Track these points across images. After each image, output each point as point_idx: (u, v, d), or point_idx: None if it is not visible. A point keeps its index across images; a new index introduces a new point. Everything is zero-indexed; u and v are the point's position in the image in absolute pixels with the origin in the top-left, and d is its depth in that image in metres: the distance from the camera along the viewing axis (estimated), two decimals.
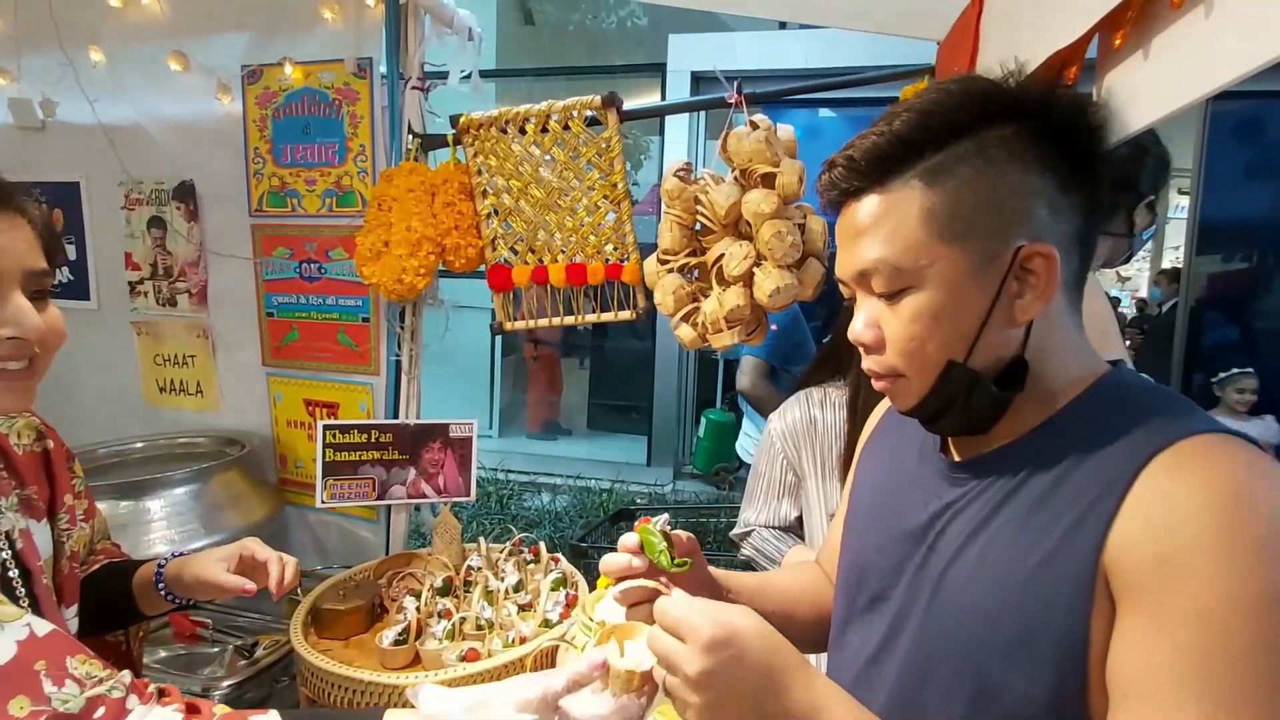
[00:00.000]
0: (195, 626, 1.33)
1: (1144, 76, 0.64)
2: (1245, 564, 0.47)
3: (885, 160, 0.59)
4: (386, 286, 1.38)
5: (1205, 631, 0.47)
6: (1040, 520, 0.57)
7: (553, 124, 1.40)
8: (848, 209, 0.62)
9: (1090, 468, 0.56)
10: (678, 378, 4.98)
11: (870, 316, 0.62)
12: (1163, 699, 0.48)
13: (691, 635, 0.55)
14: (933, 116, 0.58)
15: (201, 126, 1.68)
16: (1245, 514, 0.48)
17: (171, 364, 1.78)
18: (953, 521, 0.64)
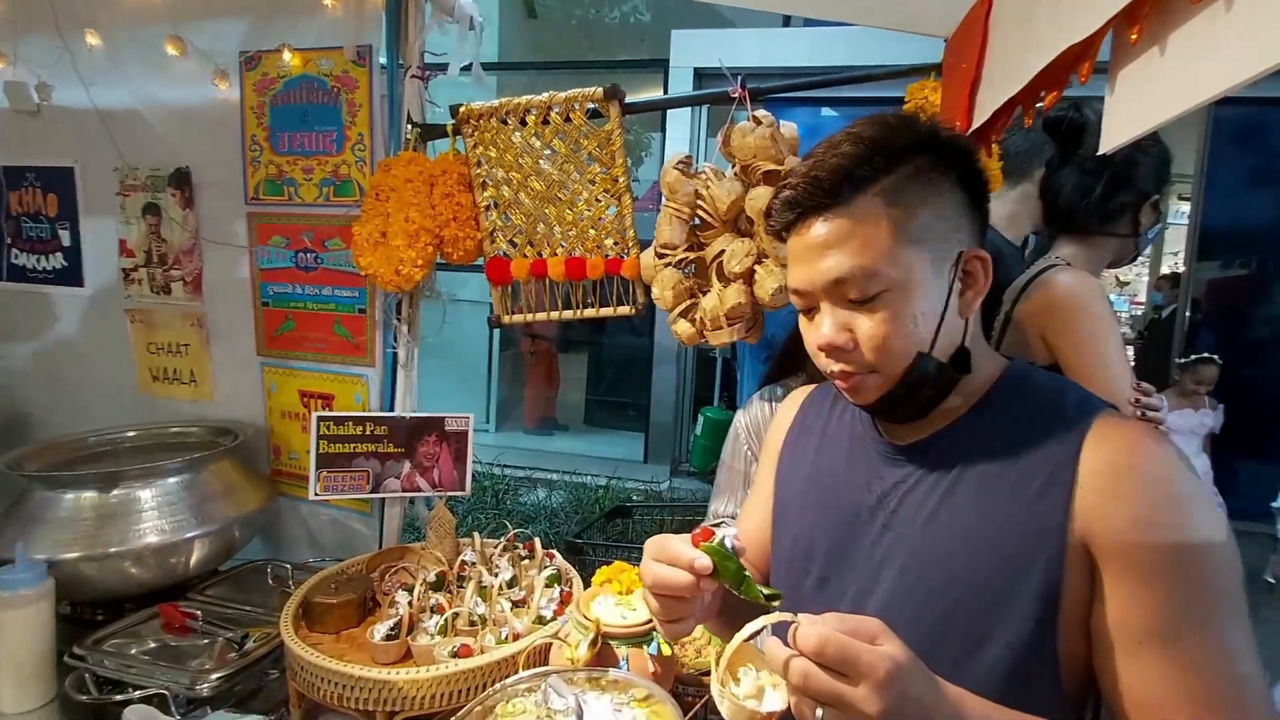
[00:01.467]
0: (184, 618, 1.31)
1: (1159, 73, 0.62)
2: (1191, 510, 0.61)
3: (849, 181, 0.67)
4: (383, 277, 1.37)
5: (1182, 573, 0.59)
6: (999, 494, 0.66)
7: (554, 116, 1.38)
8: (808, 227, 0.69)
9: (1031, 445, 0.67)
10: (676, 375, 4.97)
11: (840, 322, 0.69)
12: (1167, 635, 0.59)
13: (866, 671, 0.52)
14: (880, 144, 0.68)
15: (198, 113, 1.66)
16: (1176, 473, 0.62)
17: (165, 352, 1.76)
18: (904, 501, 0.72)
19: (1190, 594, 0.59)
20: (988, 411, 0.72)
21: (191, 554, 1.42)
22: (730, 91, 1.34)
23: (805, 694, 0.53)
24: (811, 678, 0.52)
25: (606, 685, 0.96)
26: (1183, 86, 0.59)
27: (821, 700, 0.53)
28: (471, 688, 1.07)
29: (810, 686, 0.53)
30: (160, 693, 1.15)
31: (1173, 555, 0.59)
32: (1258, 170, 4.50)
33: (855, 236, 0.67)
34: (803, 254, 0.70)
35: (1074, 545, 0.62)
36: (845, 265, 0.66)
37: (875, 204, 0.67)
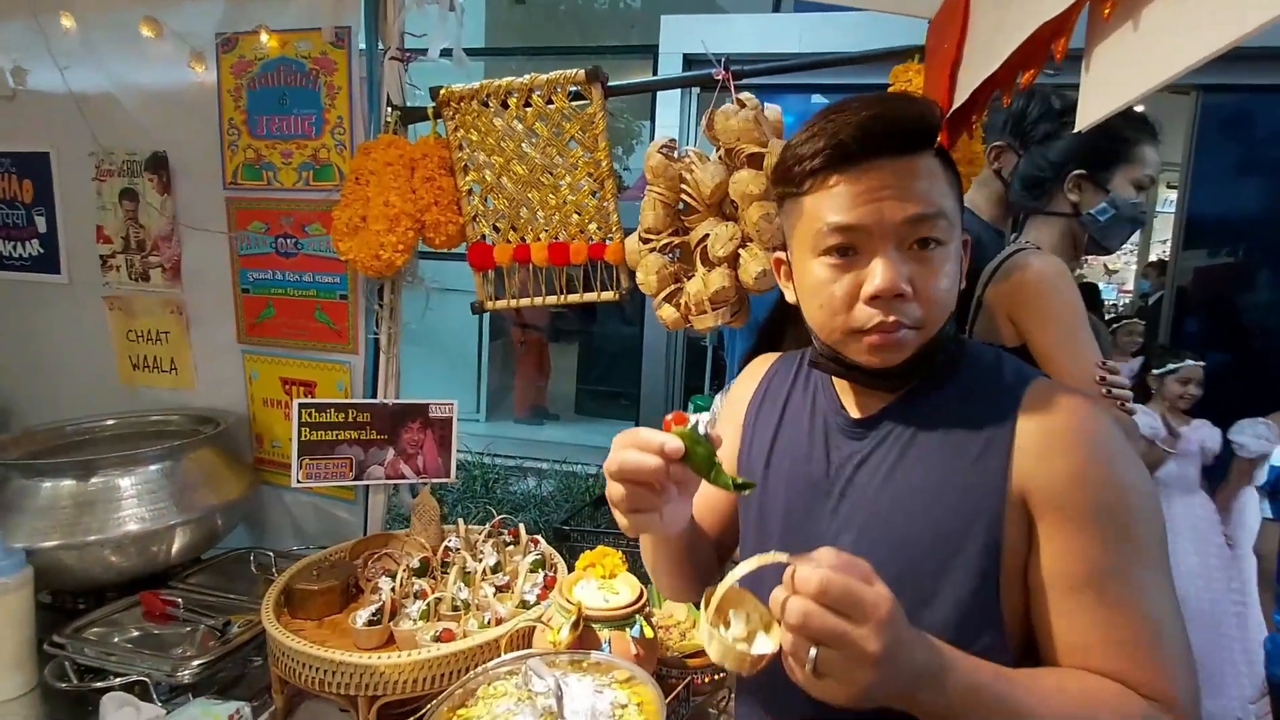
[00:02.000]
0: (165, 606, 1.31)
1: (1133, 48, 0.62)
2: (1118, 464, 0.65)
3: (925, 134, 0.70)
4: (364, 262, 1.35)
5: (1111, 521, 0.64)
6: (945, 458, 0.70)
7: (536, 99, 1.37)
8: (878, 167, 0.67)
9: (973, 412, 0.71)
10: (666, 363, 4.96)
11: (901, 270, 0.67)
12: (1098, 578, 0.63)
13: (869, 610, 0.52)
14: (938, 111, 0.72)
15: (174, 96, 1.63)
16: (1105, 430, 0.67)
17: (145, 340, 1.74)
18: (859, 470, 0.75)
19: (1118, 543, 0.63)
20: (935, 383, 0.75)
21: (173, 542, 1.41)
22: (714, 74, 1.33)
23: (804, 634, 0.52)
24: (812, 617, 0.52)
25: (588, 667, 0.96)
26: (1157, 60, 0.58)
27: (821, 640, 0.52)
28: (454, 672, 1.07)
29: (811, 626, 0.52)
30: (141, 680, 1.14)
31: (1103, 506, 0.64)
32: (1245, 159, 4.51)
33: (930, 182, 0.68)
34: (867, 192, 0.67)
35: (1013, 502, 0.66)
36: (929, 205, 0.67)
37: (936, 163, 0.70)
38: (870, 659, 0.51)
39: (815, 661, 0.52)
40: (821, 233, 0.70)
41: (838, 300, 0.70)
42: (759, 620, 0.61)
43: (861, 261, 0.68)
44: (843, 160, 0.68)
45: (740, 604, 0.63)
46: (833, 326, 0.71)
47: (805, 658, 0.53)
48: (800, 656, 0.53)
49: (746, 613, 0.62)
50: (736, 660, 0.58)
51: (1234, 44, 0.50)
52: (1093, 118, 0.68)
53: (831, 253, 0.69)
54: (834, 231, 0.69)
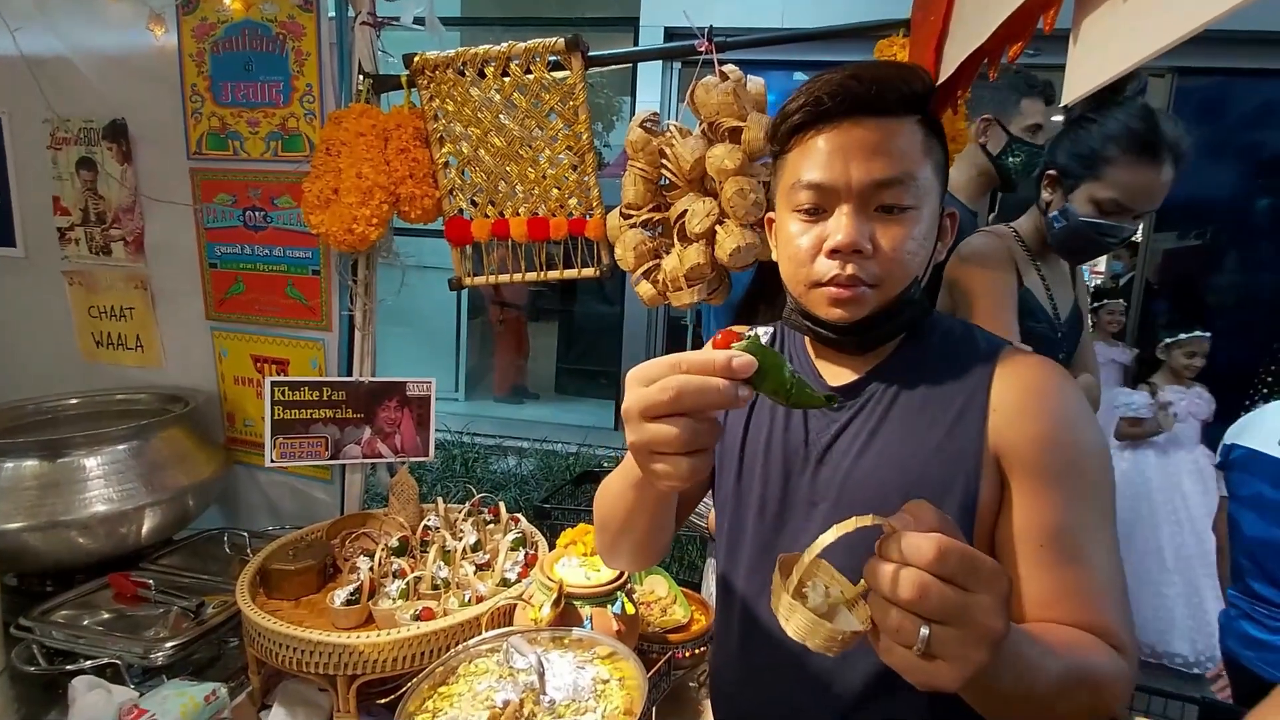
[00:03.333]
0: (136, 587, 1.28)
1: (1122, 20, 0.61)
2: (1084, 428, 0.69)
3: (908, 99, 0.70)
4: (336, 237, 1.31)
5: (1076, 481, 0.67)
6: (923, 421, 0.72)
7: (514, 68, 1.33)
8: (856, 125, 0.69)
9: (949, 379, 0.73)
10: (646, 342, 4.95)
11: (863, 227, 0.69)
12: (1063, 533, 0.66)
13: (990, 581, 0.45)
14: (927, 80, 0.72)
15: (133, 61, 1.55)
16: (1072, 397, 0.70)
17: (108, 317, 1.68)
18: (839, 438, 0.76)
19: (1080, 501, 0.67)
20: (910, 352, 0.77)
21: (142, 523, 1.38)
22: (697, 46, 1.30)
23: (920, 609, 0.45)
24: (930, 591, 0.44)
25: (570, 644, 0.97)
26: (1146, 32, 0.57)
27: (939, 617, 0.44)
28: (434, 650, 1.06)
29: (929, 601, 0.44)
30: (113, 662, 1.12)
31: (1068, 467, 0.67)
32: (1216, 142, 4.58)
33: (905, 148, 0.69)
34: (839, 151, 0.69)
35: (987, 463, 0.69)
36: (896, 169, 0.68)
37: (919, 128, 0.71)
38: (992, 636, 0.45)
39: (927, 641, 0.45)
40: (795, 188, 0.72)
41: (803, 252, 0.72)
42: (840, 594, 0.54)
43: (828, 216, 0.71)
44: (820, 118, 0.70)
45: (814, 573, 0.55)
46: (798, 279, 0.74)
47: (915, 637, 0.45)
48: (908, 635, 0.45)
49: (825, 586, 0.54)
50: (826, 638, 0.49)
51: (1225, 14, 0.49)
52: (1080, 91, 0.67)
53: (802, 208, 0.72)
54: (804, 188, 0.71)
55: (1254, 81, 4.47)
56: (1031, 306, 1.33)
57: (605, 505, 0.79)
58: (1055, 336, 1.36)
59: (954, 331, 0.79)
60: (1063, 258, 1.39)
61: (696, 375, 0.50)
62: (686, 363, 0.51)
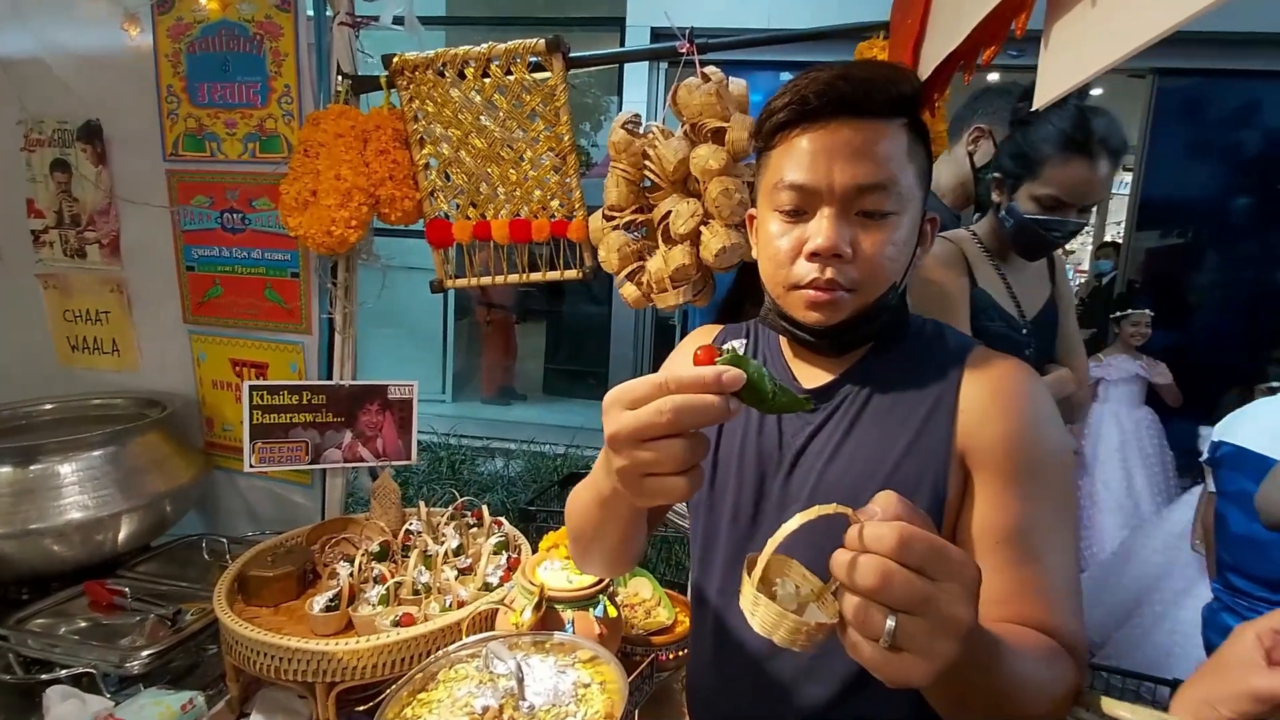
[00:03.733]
0: (112, 595, 1.26)
1: (1091, 25, 0.62)
2: (1049, 428, 0.70)
3: (896, 101, 0.69)
4: (315, 239, 1.30)
5: (1038, 480, 0.68)
6: (894, 422, 0.72)
7: (494, 69, 1.32)
8: (842, 126, 0.68)
9: (920, 379, 0.74)
10: (634, 342, 4.95)
11: (844, 231, 0.69)
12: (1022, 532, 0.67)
13: (957, 569, 0.44)
14: (916, 83, 0.72)
15: (108, 61, 1.53)
16: (1039, 397, 0.71)
17: (84, 320, 1.66)
18: (811, 440, 0.75)
19: (1040, 500, 0.67)
20: (883, 354, 0.77)
21: (119, 530, 1.36)
22: (678, 47, 1.30)
23: (883, 599, 0.43)
24: (896, 579, 0.43)
25: (551, 648, 0.96)
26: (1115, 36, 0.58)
27: (903, 606, 0.43)
28: (414, 656, 1.05)
29: (892, 590, 0.43)
30: (88, 671, 1.11)
31: (1031, 467, 0.68)
32: (1197, 142, 4.64)
33: (890, 152, 0.68)
34: (822, 153, 0.68)
35: (954, 462, 0.70)
36: (880, 174, 0.68)
37: (904, 132, 0.70)
38: (960, 627, 0.43)
39: (893, 634, 0.43)
40: (777, 188, 0.72)
41: (783, 254, 0.72)
42: (810, 592, 0.52)
43: (808, 218, 0.70)
44: (805, 117, 0.69)
45: (784, 572, 0.54)
46: (776, 280, 0.73)
47: (881, 629, 0.43)
48: (873, 627, 0.44)
49: (794, 583, 0.53)
50: (790, 632, 0.47)
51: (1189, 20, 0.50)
52: (1051, 95, 0.68)
53: (783, 208, 0.72)
54: (786, 188, 0.71)
55: (1234, 82, 4.54)
56: (984, 305, 1.34)
57: (576, 517, 0.77)
58: (1017, 335, 1.37)
59: (925, 332, 0.79)
60: (1019, 255, 1.41)
61: (691, 394, 0.50)
62: (676, 382, 0.50)
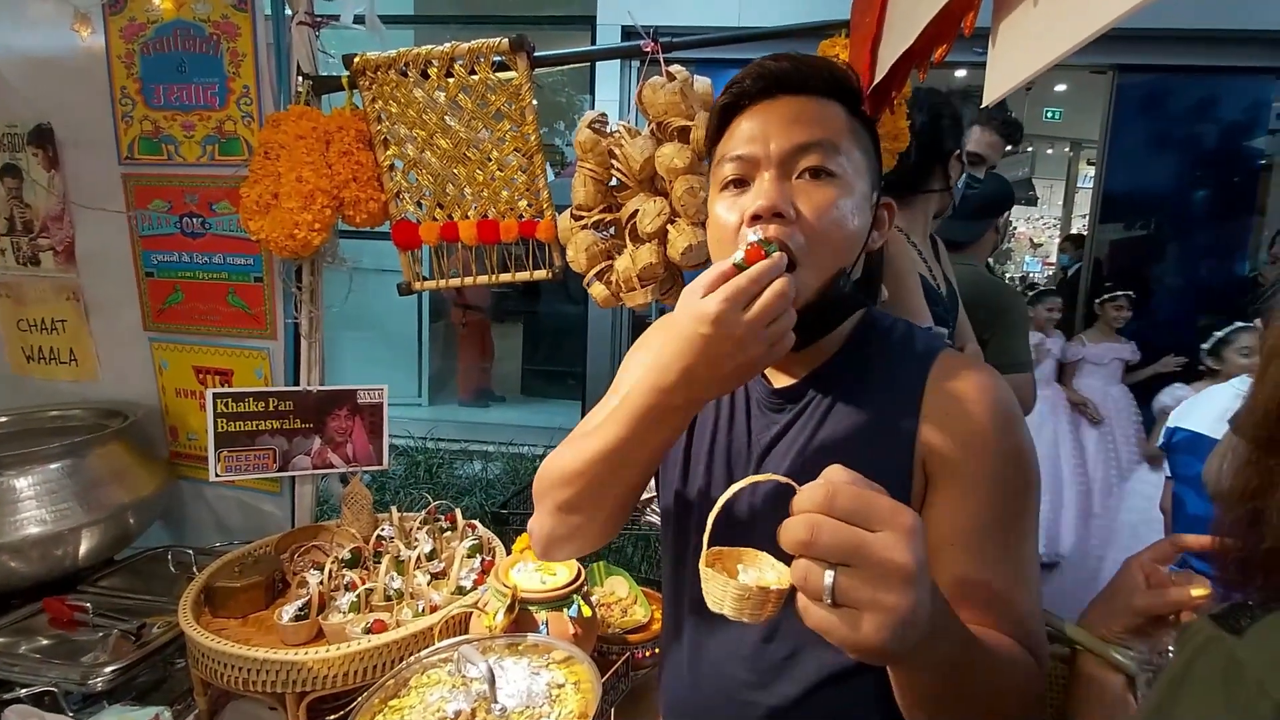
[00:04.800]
0: (72, 611, 1.23)
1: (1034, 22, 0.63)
2: (1010, 433, 0.69)
3: (831, 83, 0.72)
4: (277, 242, 1.27)
5: (997, 485, 0.68)
6: (858, 425, 0.72)
7: (458, 69, 1.31)
8: (781, 101, 0.71)
9: (888, 382, 0.73)
10: (611, 342, 4.95)
11: (784, 190, 0.68)
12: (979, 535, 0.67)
13: (887, 516, 0.44)
14: (851, 74, 0.75)
15: (58, 63, 1.49)
16: (1002, 402, 0.70)
17: (38, 329, 1.61)
18: (778, 441, 0.75)
19: (1004, 505, 0.68)
20: (853, 353, 0.77)
21: (80, 544, 1.33)
22: (642, 46, 1.30)
23: (813, 551, 0.44)
24: (821, 528, 0.43)
25: (525, 650, 0.96)
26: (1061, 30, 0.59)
27: (835, 557, 0.43)
28: (386, 663, 1.04)
29: (820, 540, 0.43)
30: (49, 690, 1.08)
31: (995, 472, 0.68)
32: (1158, 136, 4.77)
33: (826, 121, 0.70)
34: (759, 124, 0.70)
35: (916, 465, 0.70)
36: (816, 134, 0.69)
37: (840, 110, 0.72)
38: (898, 573, 0.43)
39: (833, 590, 0.43)
40: (720, 168, 0.73)
41: (729, 228, 0.71)
42: (775, 579, 0.52)
43: (751, 189, 0.70)
44: (743, 98, 0.72)
45: (753, 562, 0.55)
46: (725, 256, 0.70)
47: (821, 585, 0.43)
48: (814, 584, 0.43)
49: (758, 570, 0.55)
50: (736, 600, 0.48)
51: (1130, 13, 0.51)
52: (999, 92, 0.69)
53: (729, 186, 0.72)
54: (727, 163, 0.72)
55: (1192, 78, 4.67)
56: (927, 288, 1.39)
57: (574, 478, 0.74)
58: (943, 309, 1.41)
59: (893, 333, 0.79)
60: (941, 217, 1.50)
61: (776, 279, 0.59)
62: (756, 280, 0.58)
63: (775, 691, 0.74)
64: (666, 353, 0.62)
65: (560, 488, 0.76)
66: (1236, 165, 4.75)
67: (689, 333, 0.59)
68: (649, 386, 0.64)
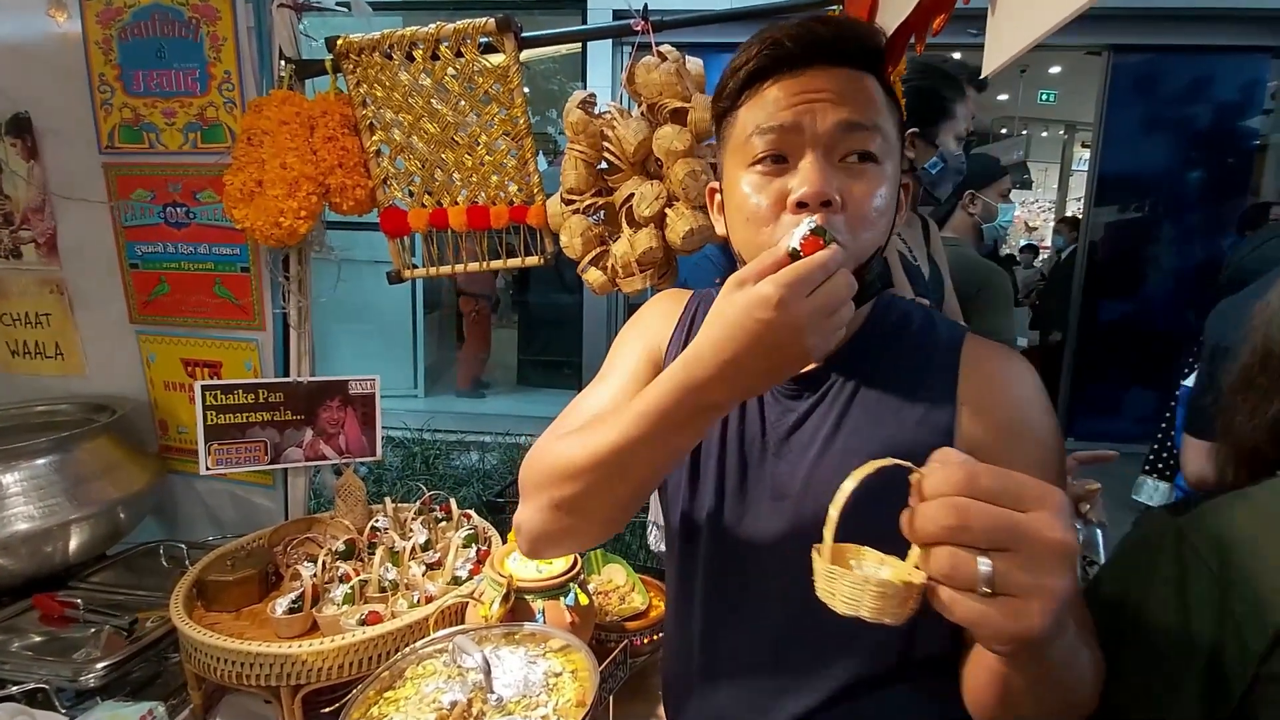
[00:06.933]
0: (63, 608, 1.22)
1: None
2: (1049, 417, 0.68)
3: (869, 53, 0.66)
4: (263, 231, 1.25)
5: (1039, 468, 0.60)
6: (887, 413, 0.69)
7: (443, 50, 1.28)
8: (820, 71, 0.64)
9: (914, 369, 0.70)
10: (606, 330, 4.93)
11: (831, 176, 0.62)
12: None
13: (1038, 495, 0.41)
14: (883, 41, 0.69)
15: (34, 50, 1.45)
16: (1039, 387, 0.69)
17: (22, 324, 1.58)
18: (797, 430, 0.71)
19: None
20: (872, 338, 0.73)
21: (69, 540, 1.31)
22: (632, 25, 1.27)
23: (965, 537, 0.40)
24: (973, 510, 0.40)
25: (522, 639, 0.95)
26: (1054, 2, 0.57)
27: (989, 542, 0.40)
28: (382, 655, 1.03)
29: (975, 522, 0.40)
30: (41, 687, 1.07)
31: (1035, 460, 0.65)
32: (1152, 117, 4.75)
33: (868, 99, 0.65)
34: (801, 95, 0.63)
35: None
36: (862, 114, 0.63)
37: (877, 85, 0.66)
38: (1060, 553, 0.40)
39: (990, 576, 0.39)
40: (751, 140, 0.65)
41: (763, 211, 0.64)
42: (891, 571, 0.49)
43: (790, 169, 0.64)
44: (779, 64, 0.65)
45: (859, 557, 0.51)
46: (758, 243, 0.65)
47: (974, 574, 0.39)
48: (966, 574, 0.40)
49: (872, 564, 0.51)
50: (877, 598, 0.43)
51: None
52: (998, 62, 0.67)
53: (761, 161, 0.65)
54: (763, 134, 0.64)
55: (1187, 58, 4.64)
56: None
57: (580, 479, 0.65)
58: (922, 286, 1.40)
59: (911, 317, 0.75)
60: (931, 203, 1.50)
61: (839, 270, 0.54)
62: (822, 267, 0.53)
63: (800, 698, 0.70)
64: (705, 345, 0.55)
65: (558, 484, 0.67)
66: (1231, 145, 4.73)
67: (740, 319, 0.53)
68: (678, 383, 0.57)
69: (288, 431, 1.40)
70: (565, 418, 0.77)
